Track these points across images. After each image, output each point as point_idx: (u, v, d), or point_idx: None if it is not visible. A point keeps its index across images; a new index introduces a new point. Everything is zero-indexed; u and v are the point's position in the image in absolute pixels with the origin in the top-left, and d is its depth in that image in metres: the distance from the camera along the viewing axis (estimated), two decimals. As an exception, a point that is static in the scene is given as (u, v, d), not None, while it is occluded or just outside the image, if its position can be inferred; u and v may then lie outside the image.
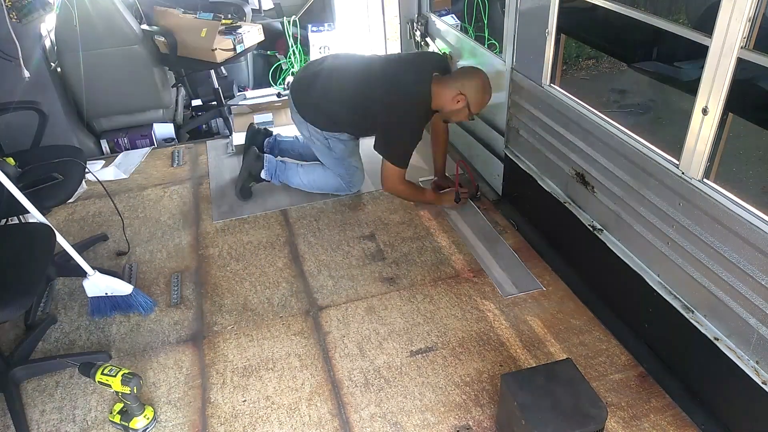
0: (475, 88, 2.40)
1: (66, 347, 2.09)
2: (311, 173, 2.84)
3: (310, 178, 2.84)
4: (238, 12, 4.06)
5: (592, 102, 2.05)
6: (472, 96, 2.39)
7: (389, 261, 2.43)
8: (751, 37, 1.38)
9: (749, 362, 1.53)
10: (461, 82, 2.40)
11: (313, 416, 1.79)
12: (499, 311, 2.15)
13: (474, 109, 2.43)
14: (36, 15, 3.00)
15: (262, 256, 2.50)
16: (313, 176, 2.83)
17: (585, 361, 1.92)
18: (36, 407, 1.86)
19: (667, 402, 1.78)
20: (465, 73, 2.47)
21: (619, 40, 3.05)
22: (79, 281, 2.15)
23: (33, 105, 2.41)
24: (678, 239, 1.69)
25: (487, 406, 1.79)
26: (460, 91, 2.38)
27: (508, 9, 2.38)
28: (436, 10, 3.50)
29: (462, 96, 2.38)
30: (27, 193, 1.90)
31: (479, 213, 2.71)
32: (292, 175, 2.85)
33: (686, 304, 1.73)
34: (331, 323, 2.13)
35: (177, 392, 1.89)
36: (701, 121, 1.54)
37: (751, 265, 1.47)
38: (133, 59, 3.40)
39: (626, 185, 1.88)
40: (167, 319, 2.19)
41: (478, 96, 2.41)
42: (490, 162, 2.86)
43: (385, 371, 1.92)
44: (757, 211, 1.45)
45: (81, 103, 3.42)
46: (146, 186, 3.08)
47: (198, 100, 4.17)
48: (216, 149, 3.41)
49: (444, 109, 2.46)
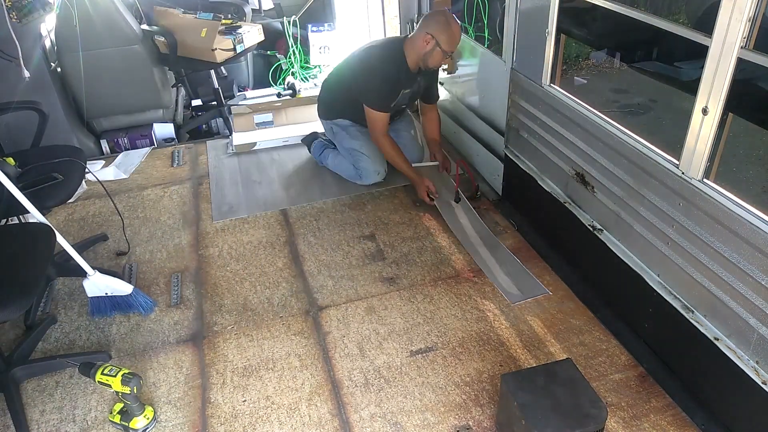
0: (438, 24, 2.52)
1: (66, 347, 2.09)
2: (336, 157, 3.03)
3: (335, 162, 3.03)
4: (238, 12, 4.06)
5: (592, 102, 2.05)
6: (438, 32, 2.52)
7: (389, 261, 2.43)
8: (751, 37, 1.38)
9: (749, 362, 1.53)
10: (425, 24, 2.57)
11: (313, 416, 1.79)
12: (499, 311, 2.14)
13: (446, 46, 2.56)
14: (36, 15, 3.00)
15: (262, 256, 2.50)
16: (337, 160, 3.02)
17: (585, 361, 1.92)
18: (36, 407, 1.86)
19: (667, 402, 1.78)
20: (427, 16, 2.65)
21: (620, 40, 3.05)
22: (79, 281, 2.15)
23: (33, 105, 2.41)
24: (678, 239, 1.69)
25: (487, 406, 1.79)
26: (426, 32, 2.53)
27: (508, 9, 2.38)
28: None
29: (428, 35, 2.52)
30: (27, 193, 1.90)
31: (476, 216, 2.69)
32: (325, 156, 3.09)
33: (686, 304, 1.73)
34: (331, 323, 2.13)
35: (177, 392, 1.89)
36: (701, 121, 1.54)
37: (751, 265, 1.47)
38: (133, 59, 3.40)
39: (626, 185, 1.88)
40: (167, 319, 2.19)
41: (444, 31, 2.51)
42: (490, 162, 2.86)
43: (385, 371, 1.92)
44: (757, 211, 1.45)
45: (81, 103, 3.42)
46: (146, 186, 3.08)
47: (198, 100, 4.17)
48: (216, 149, 3.41)
49: (419, 58, 2.61)
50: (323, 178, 3.06)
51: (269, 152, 3.35)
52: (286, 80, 4.22)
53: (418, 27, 2.61)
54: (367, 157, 2.87)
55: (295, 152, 3.33)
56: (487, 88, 2.82)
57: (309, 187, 3.00)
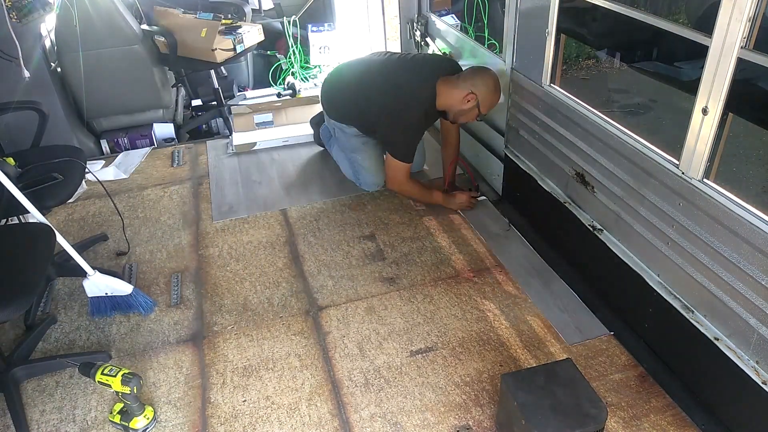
0: (486, 87, 2.40)
1: (66, 347, 2.09)
2: (340, 153, 2.97)
3: (338, 156, 2.99)
4: (238, 12, 4.06)
5: (592, 102, 2.05)
6: (483, 95, 2.40)
7: (389, 261, 2.43)
8: (751, 37, 1.38)
9: (749, 362, 1.53)
10: (472, 81, 2.41)
11: (313, 416, 1.79)
12: (500, 311, 2.14)
13: (483, 109, 2.44)
14: (36, 15, 3.00)
15: (262, 256, 2.50)
16: (340, 156, 2.97)
17: (585, 361, 1.92)
18: (36, 407, 1.86)
19: (667, 402, 1.77)
20: (476, 72, 2.46)
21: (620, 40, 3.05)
22: (79, 281, 2.15)
23: (33, 105, 2.41)
24: (678, 239, 1.69)
25: (487, 406, 1.79)
26: (471, 90, 2.39)
27: (508, 9, 2.38)
28: (436, 10, 3.50)
29: (473, 95, 2.39)
30: (27, 193, 1.90)
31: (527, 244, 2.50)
32: (330, 145, 3.07)
33: (686, 304, 1.73)
34: (331, 323, 2.13)
35: (177, 392, 1.89)
36: (701, 121, 1.54)
37: (751, 265, 1.47)
38: (133, 59, 3.40)
39: (626, 185, 1.88)
40: (167, 319, 2.19)
41: (489, 95, 2.41)
42: (490, 162, 2.86)
43: (385, 371, 1.92)
44: (757, 211, 1.44)
45: (81, 103, 3.42)
46: (146, 186, 3.08)
47: (198, 100, 4.17)
48: (216, 149, 3.41)
49: (452, 109, 2.47)
50: (323, 178, 3.06)
51: (269, 152, 3.35)
52: (286, 80, 4.22)
53: (462, 77, 2.43)
54: (368, 171, 2.83)
55: (295, 152, 3.33)
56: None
57: (309, 187, 3.00)
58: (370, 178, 2.84)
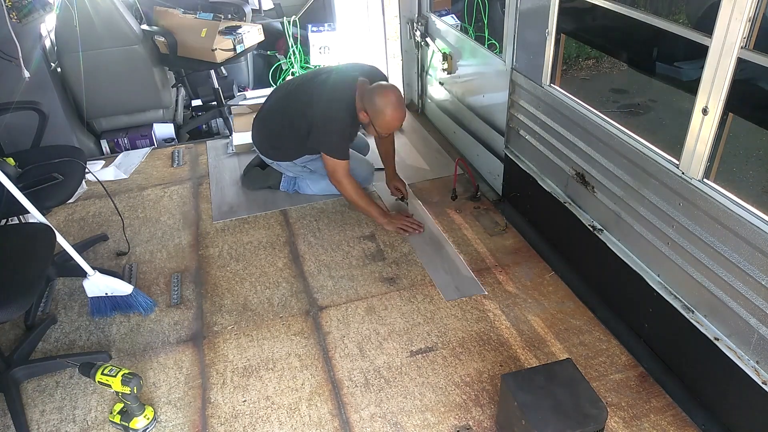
0: (374, 109, 2.35)
1: (66, 347, 2.09)
2: (319, 182, 2.85)
3: (320, 187, 2.85)
4: (238, 12, 4.06)
5: (592, 102, 2.05)
6: (373, 114, 2.36)
7: (389, 261, 2.43)
8: (751, 37, 1.38)
9: (749, 362, 1.53)
10: (367, 98, 2.37)
11: (313, 416, 1.79)
12: (500, 311, 2.15)
13: (379, 129, 2.40)
14: (36, 15, 3.00)
15: (262, 256, 2.50)
16: (321, 185, 2.84)
17: (585, 361, 1.92)
18: (36, 407, 1.86)
19: (667, 402, 1.78)
20: (372, 90, 2.38)
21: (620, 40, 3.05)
22: (79, 281, 2.16)
23: (33, 105, 2.41)
24: (678, 239, 1.69)
25: (487, 406, 1.79)
26: (364, 108, 2.38)
27: (508, 9, 2.38)
28: (436, 10, 3.50)
29: (365, 114, 2.38)
30: (27, 193, 1.90)
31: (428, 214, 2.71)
32: (303, 186, 2.90)
33: (686, 304, 1.73)
34: (331, 323, 2.13)
35: (177, 392, 1.89)
36: (701, 121, 1.54)
37: (751, 265, 1.47)
38: (133, 59, 3.40)
39: (626, 185, 1.88)
40: (167, 319, 2.19)
41: (378, 116, 2.35)
42: (490, 162, 2.86)
43: (385, 371, 1.92)
44: (757, 211, 1.44)
45: (81, 103, 3.42)
46: (146, 186, 3.08)
47: (198, 100, 4.18)
48: (216, 149, 3.41)
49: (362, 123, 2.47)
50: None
51: (269, 152, 3.35)
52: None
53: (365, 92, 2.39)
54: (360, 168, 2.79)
55: (295, 152, 3.33)
56: (487, 88, 2.82)
57: (309, 187, 3.00)
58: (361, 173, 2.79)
